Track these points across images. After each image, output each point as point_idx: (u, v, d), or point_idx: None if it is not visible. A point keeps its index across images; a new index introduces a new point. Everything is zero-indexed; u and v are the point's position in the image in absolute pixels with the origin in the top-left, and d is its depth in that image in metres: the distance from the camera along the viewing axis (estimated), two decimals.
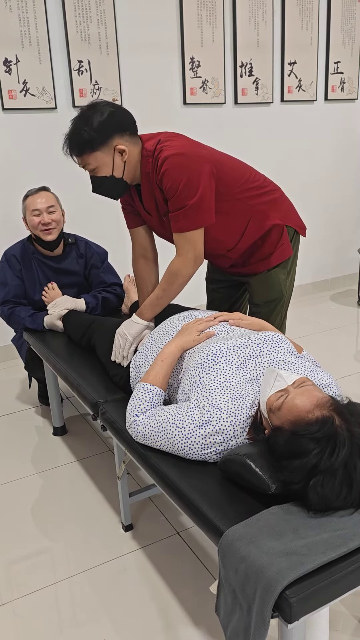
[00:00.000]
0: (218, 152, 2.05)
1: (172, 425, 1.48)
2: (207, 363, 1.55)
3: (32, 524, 2.08)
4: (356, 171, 4.61)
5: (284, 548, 1.12)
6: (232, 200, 2.00)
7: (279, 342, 1.66)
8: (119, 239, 3.35)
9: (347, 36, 4.18)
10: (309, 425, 1.24)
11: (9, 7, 3.05)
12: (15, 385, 3.21)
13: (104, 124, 1.81)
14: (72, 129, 1.85)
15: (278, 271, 2.15)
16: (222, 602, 1.21)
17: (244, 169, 2.08)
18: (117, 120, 1.84)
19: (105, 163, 1.88)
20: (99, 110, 1.82)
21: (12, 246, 2.71)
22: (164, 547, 1.92)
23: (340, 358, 3.34)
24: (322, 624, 1.28)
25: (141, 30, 3.43)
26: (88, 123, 1.81)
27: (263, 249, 2.12)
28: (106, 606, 1.70)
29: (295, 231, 2.18)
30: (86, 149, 1.85)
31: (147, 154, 1.91)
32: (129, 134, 1.88)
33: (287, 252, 2.15)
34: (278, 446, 1.28)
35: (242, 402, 1.45)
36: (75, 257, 2.74)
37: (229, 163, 2.03)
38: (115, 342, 2.02)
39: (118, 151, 1.86)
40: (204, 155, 1.92)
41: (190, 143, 1.95)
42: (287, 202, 2.18)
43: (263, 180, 2.11)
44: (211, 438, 1.43)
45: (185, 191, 1.85)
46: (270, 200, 2.10)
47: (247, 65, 3.81)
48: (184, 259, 1.94)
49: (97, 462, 2.43)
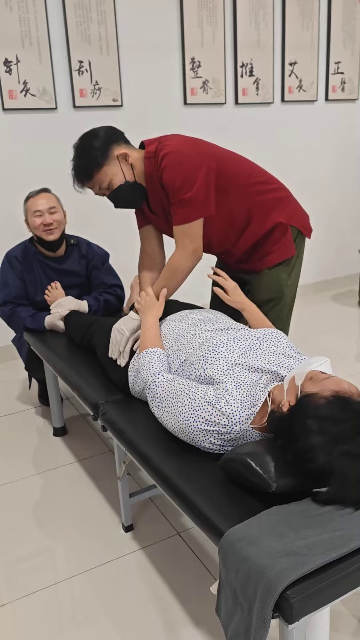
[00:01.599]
0: (221, 148, 2.09)
1: (185, 394, 1.52)
2: (209, 354, 1.60)
3: (33, 524, 2.07)
4: (357, 171, 4.61)
5: (285, 548, 1.12)
6: (235, 194, 2.03)
7: (278, 337, 1.69)
8: (120, 241, 3.35)
9: (347, 37, 4.18)
10: (353, 397, 1.28)
11: (9, 7, 3.05)
12: (15, 386, 3.21)
13: (100, 142, 1.96)
14: (75, 163, 2.01)
15: (279, 270, 2.16)
16: (223, 603, 1.21)
17: (248, 164, 2.11)
18: (109, 135, 1.99)
19: (115, 173, 1.99)
20: (89, 136, 1.99)
21: (14, 248, 2.72)
22: (165, 548, 1.92)
23: (341, 358, 3.34)
24: (322, 624, 1.28)
25: (141, 30, 3.43)
26: (85, 150, 1.97)
27: (265, 246, 2.13)
28: (106, 607, 1.70)
29: (300, 232, 2.18)
30: (93, 169, 1.98)
31: (150, 155, 1.98)
32: (123, 142, 2.01)
33: (289, 251, 2.15)
34: (308, 408, 1.28)
35: (248, 390, 1.48)
36: (77, 258, 2.74)
37: (232, 158, 2.07)
38: (112, 338, 2.02)
39: (121, 157, 1.97)
40: (203, 151, 1.98)
41: (189, 141, 2.01)
42: (294, 203, 2.19)
43: (269, 178, 2.13)
44: (216, 417, 1.45)
45: (183, 185, 1.91)
46: (276, 198, 2.11)
47: (248, 65, 3.81)
48: (182, 252, 1.99)
49: (97, 463, 2.43)
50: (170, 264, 2.01)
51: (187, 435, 1.50)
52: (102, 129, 2.01)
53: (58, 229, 2.60)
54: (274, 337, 1.68)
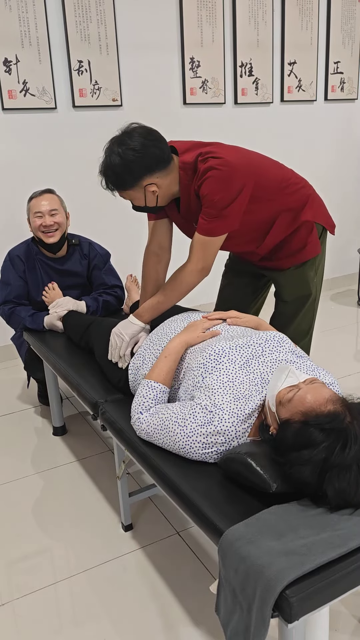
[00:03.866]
0: (256, 155, 2.04)
1: (174, 423, 1.49)
2: (210, 363, 1.55)
3: (32, 524, 2.08)
4: (356, 171, 4.61)
5: (284, 548, 1.12)
6: (267, 201, 2.00)
7: (281, 341, 1.66)
8: (121, 240, 3.35)
9: (347, 36, 4.18)
10: (320, 417, 1.25)
11: (9, 7, 3.05)
12: (15, 385, 3.21)
13: (134, 166, 1.80)
14: (106, 165, 1.84)
15: (306, 268, 2.16)
16: (222, 602, 1.21)
17: (280, 169, 2.07)
18: (147, 162, 1.82)
19: (138, 198, 1.91)
20: (130, 148, 1.79)
21: (17, 246, 2.71)
22: (164, 547, 1.92)
23: (340, 358, 3.34)
24: (322, 624, 1.28)
25: (141, 30, 3.43)
26: (119, 163, 1.80)
27: (292, 244, 2.11)
28: (106, 606, 1.70)
29: (324, 228, 2.18)
30: (119, 188, 1.88)
31: (186, 166, 1.91)
32: (159, 170, 1.86)
33: (316, 249, 2.15)
34: (287, 438, 1.28)
35: (245, 402, 1.45)
36: (78, 258, 2.74)
37: (268, 166, 2.03)
38: (111, 342, 2.01)
39: (149, 190, 1.87)
40: (246, 167, 1.90)
41: (236, 154, 1.92)
42: (319, 200, 2.17)
43: (295, 178, 2.10)
44: (213, 438, 1.43)
45: (220, 202, 1.85)
46: (304, 196, 2.09)
47: (247, 65, 3.81)
48: (192, 268, 1.95)
49: (97, 462, 2.43)
50: (176, 276, 1.98)
51: (189, 457, 1.48)
52: (151, 145, 1.81)
53: (58, 231, 2.59)
54: (277, 342, 1.65)
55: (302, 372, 1.47)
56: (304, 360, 1.64)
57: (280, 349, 1.64)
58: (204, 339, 1.70)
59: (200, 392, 1.51)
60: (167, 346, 1.70)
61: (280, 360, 1.60)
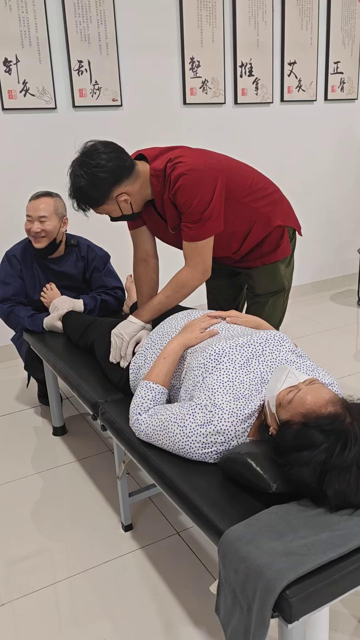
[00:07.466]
0: (225, 158, 2.07)
1: (173, 424, 1.48)
2: (210, 363, 1.55)
3: (32, 524, 2.08)
4: (356, 171, 4.61)
5: (284, 548, 1.12)
6: (237, 204, 2.03)
7: (281, 341, 1.66)
8: (121, 241, 3.35)
9: (347, 36, 4.18)
10: (320, 418, 1.25)
11: (9, 7, 3.05)
12: (15, 385, 3.21)
13: (100, 183, 1.85)
14: (74, 188, 1.89)
15: (278, 263, 2.20)
16: (222, 602, 1.21)
17: (248, 173, 2.10)
18: (112, 175, 1.85)
19: (113, 210, 1.96)
20: (93, 167, 1.83)
21: (14, 246, 2.71)
22: (164, 547, 1.92)
23: (340, 358, 3.34)
24: (322, 624, 1.28)
25: (141, 30, 3.43)
26: (86, 184, 1.84)
27: (263, 247, 2.17)
28: (106, 606, 1.70)
29: (294, 230, 2.25)
30: (92, 206, 1.93)
31: (157, 173, 1.94)
32: (125, 178, 1.89)
33: (286, 251, 2.20)
34: (286, 440, 1.28)
35: (245, 402, 1.45)
36: (74, 260, 2.73)
37: (235, 169, 2.06)
38: (112, 343, 2.02)
39: (121, 200, 1.92)
40: (214, 165, 1.95)
41: (201, 157, 1.96)
42: (286, 202, 2.22)
43: (264, 183, 2.14)
44: (212, 437, 1.43)
45: (199, 206, 1.89)
46: (272, 202, 2.13)
47: (247, 65, 3.81)
48: (193, 272, 1.99)
49: (97, 462, 2.43)
50: (178, 279, 2.00)
51: (189, 457, 1.48)
52: (112, 158, 1.84)
53: (46, 239, 2.57)
54: (277, 341, 1.66)
55: (302, 373, 1.47)
56: (303, 360, 1.64)
57: (280, 349, 1.64)
58: (202, 340, 1.70)
59: (200, 392, 1.51)
60: (166, 347, 1.70)
61: (280, 359, 1.60)
